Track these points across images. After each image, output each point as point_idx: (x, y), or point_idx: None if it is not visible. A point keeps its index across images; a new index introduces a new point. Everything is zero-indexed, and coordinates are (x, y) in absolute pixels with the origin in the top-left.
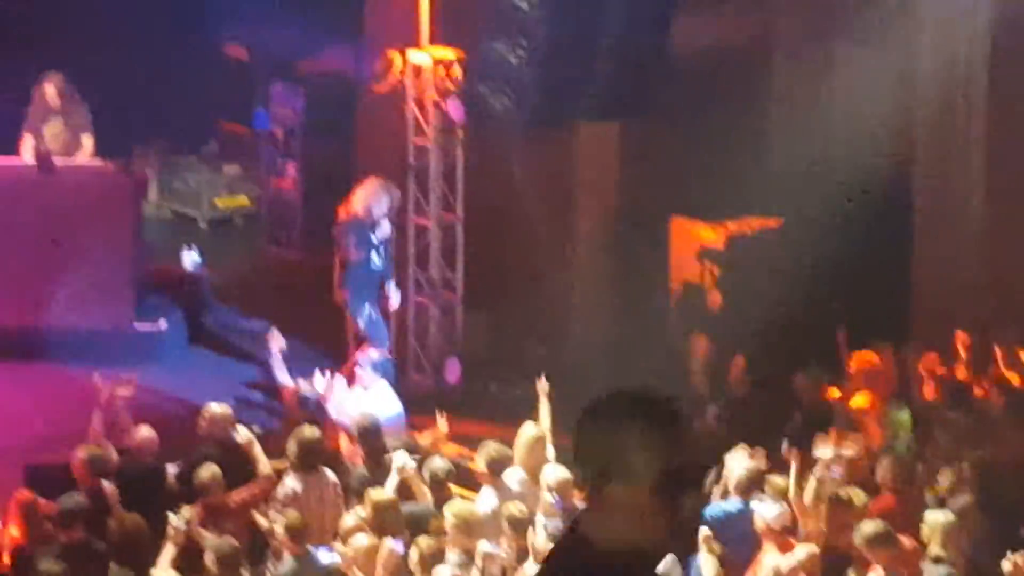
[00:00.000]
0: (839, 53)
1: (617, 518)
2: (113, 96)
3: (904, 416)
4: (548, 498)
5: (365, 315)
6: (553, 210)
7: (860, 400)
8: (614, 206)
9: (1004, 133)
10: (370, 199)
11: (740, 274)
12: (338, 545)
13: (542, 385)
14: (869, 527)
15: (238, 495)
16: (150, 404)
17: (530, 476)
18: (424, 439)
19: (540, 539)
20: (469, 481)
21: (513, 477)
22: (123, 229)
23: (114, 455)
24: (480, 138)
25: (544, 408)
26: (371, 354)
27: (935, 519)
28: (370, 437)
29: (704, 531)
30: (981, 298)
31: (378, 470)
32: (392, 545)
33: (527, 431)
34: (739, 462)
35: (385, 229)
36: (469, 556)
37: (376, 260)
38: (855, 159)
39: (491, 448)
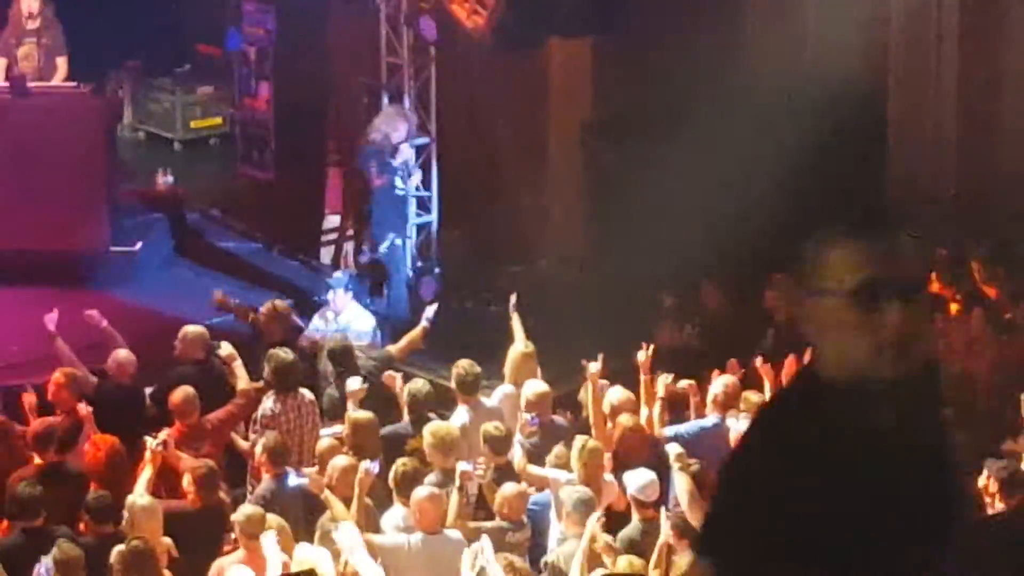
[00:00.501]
0: None
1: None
2: (87, 19)
3: None
4: (524, 416)
5: (388, 241)
6: (527, 128)
7: None
8: (588, 122)
9: (974, 65)
10: (387, 125)
11: (712, 193)
12: (308, 469)
13: (513, 303)
14: None
15: (215, 416)
16: (127, 325)
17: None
18: (397, 347)
19: (517, 457)
20: (449, 401)
21: (499, 394)
22: (97, 152)
23: (90, 378)
24: (453, 57)
25: (517, 325)
26: (337, 275)
27: None
28: (342, 358)
29: (675, 448)
30: (955, 215)
31: None
32: (368, 466)
33: (516, 348)
34: (717, 379)
35: (405, 154)
36: (448, 475)
37: (400, 184)
38: (829, 87)
39: (462, 366)
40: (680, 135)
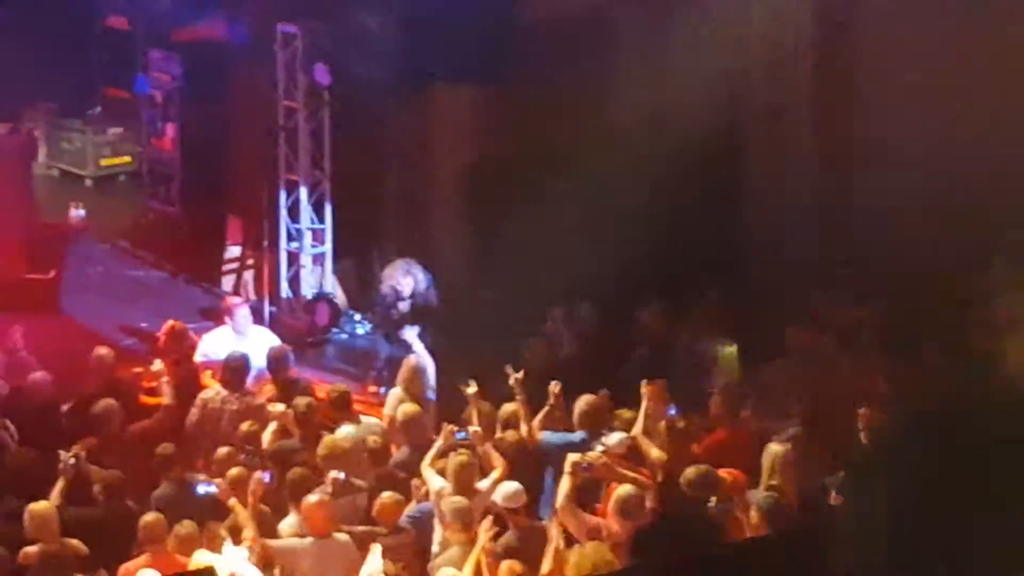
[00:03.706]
0: (680, 20)
1: None
2: (2, 63)
3: (730, 351)
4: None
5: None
6: (415, 168)
7: None
8: (471, 164)
9: (829, 82)
10: (393, 280)
11: (588, 226)
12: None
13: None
14: (692, 472)
15: (135, 428)
16: (43, 346)
17: (410, 397)
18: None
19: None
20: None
21: (393, 397)
22: (15, 186)
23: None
24: (346, 101)
25: (415, 341)
26: (233, 298)
27: (768, 450)
28: (236, 373)
29: (573, 457)
30: (809, 248)
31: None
32: (259, 476)
33: (408, 360)
34: (581, 398)
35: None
36: (336, 484)
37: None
38: (693, 114)
39: (335, 389)
40: (559, 174)
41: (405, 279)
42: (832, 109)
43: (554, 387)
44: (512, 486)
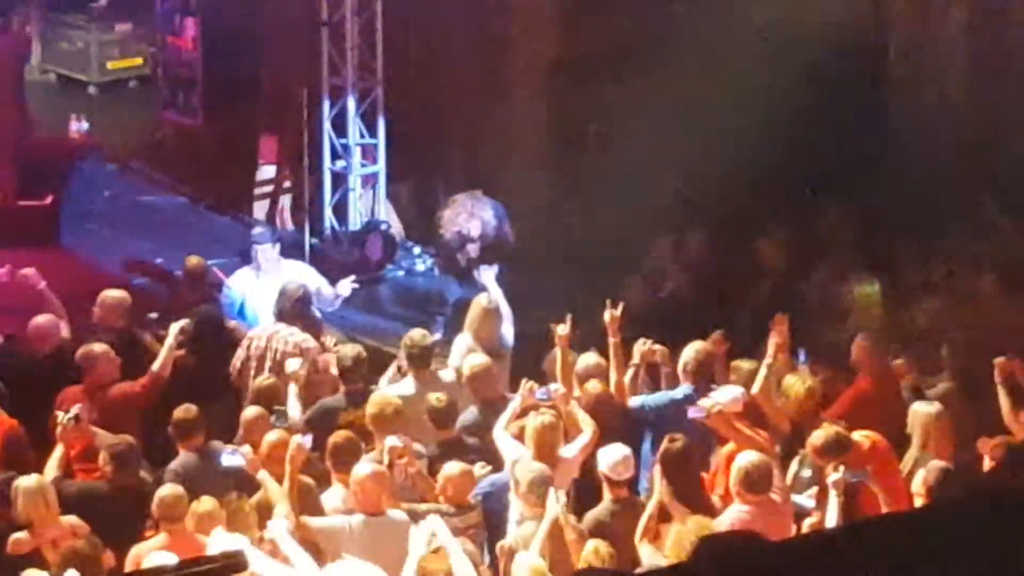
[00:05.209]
0: None
1: None
2: None
3: (872, 289)
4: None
5: None
6: (485, 70)
7: None
8: (552, 64)
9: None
10: (456, 224)
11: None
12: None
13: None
14: (819, 435)
15: (115, 389)
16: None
17: (480, 345)
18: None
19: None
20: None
21: (458, 346)
22: (4, 95)
23: None
24: None
25: (489, 279)
26: (258, 229)
27: (916, 411)
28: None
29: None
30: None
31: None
32: (299, 440)
33: (479, 301)
34: (688, 346)
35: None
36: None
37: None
38: (820, 22)
39: (411, 337)
40: (656, 75)
41: (471, 223)
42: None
43: (642, 345)
44: (618, 451)
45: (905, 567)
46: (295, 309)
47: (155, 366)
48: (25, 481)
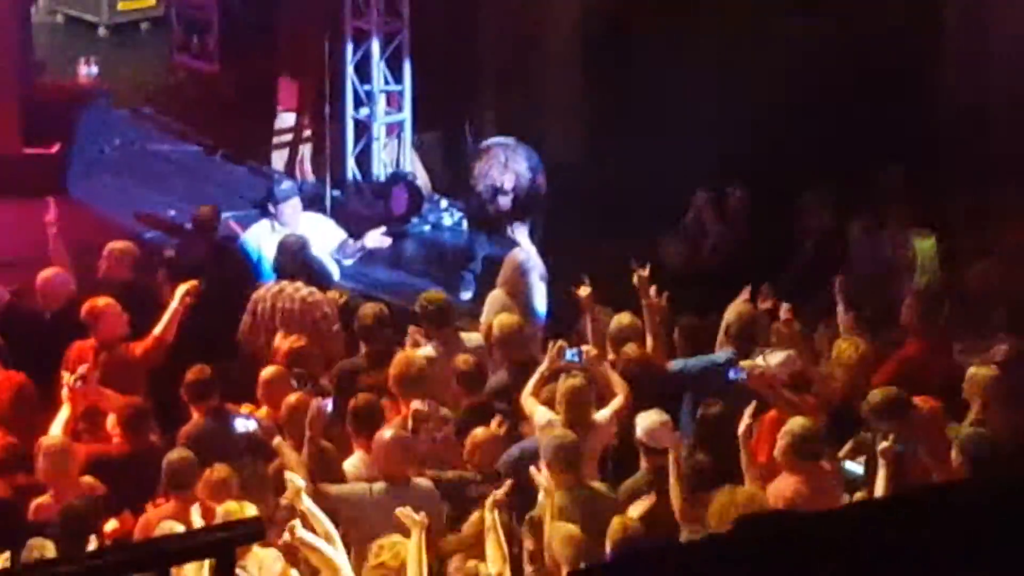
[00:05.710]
0: None
1: None
2: None
3: (928, 244)
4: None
5: None
6: (518, 17)
7: None
8: (587, 3)
9: None
10: (489, 178)
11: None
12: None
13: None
14: (876, 395)
15: (123, 349)
16: (41, 240)
17: (512, 300)
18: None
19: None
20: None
21: (495, 301)
22: (8, 37)
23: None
24: None
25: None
26: (285, 185)
27: (972, 375)
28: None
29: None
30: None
31: None
32: (319, 404)
33: (514, 256)
34: (731, 307)
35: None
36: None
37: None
38: None
39: (426, 297)
40: (697, 27)
41: (505, 175)
42: None
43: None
44: (655, 417)
45: (952, 540)
46: (296, 263)
47: (157, 330)
48: (48, 440)
